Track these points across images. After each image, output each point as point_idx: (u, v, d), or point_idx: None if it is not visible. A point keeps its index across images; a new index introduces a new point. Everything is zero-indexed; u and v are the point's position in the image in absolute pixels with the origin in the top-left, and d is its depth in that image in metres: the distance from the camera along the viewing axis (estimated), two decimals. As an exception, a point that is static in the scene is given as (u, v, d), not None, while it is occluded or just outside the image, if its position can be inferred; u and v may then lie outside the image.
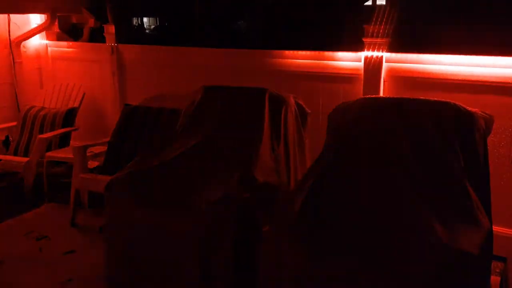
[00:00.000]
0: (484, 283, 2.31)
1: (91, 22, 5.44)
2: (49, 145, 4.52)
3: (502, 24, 3.38)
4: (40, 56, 5.49)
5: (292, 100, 3.42)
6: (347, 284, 2.20)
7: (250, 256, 2.50)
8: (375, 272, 2.16)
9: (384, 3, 3.72)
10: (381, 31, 3.50)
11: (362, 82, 3.67)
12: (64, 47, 5.40)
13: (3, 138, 4.97)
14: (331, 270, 2.24)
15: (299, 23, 4.57)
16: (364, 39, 3.59)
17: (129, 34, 5.19)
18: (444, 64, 3.41)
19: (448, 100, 2.87)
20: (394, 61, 3.58)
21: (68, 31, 5.64)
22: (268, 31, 4.78)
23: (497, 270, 3.12)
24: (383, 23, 3.49)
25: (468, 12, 3.59)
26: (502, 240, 3.08)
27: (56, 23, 5.34)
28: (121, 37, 4.92)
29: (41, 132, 4.62)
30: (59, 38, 5.47)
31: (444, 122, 2.73)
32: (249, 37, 5.03)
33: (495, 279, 2.86)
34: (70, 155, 4.09)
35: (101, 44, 5.04)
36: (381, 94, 3.62)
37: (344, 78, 3.80)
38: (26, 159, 4.32)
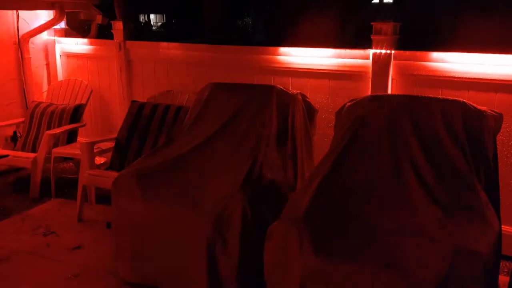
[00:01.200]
0: (493, 283, 2.29)
1: (98, 18, 5.46)
2: (57, 141, 4.53)
3: (512, 22, 3.36)
4: (48, 52, 5.51)
5: (299, 97, 3.41)
6: (355, 282, 2.19)
7: (256, 254, 2.49)
8: (383, 270, 2.16)
9: (391, 0, 3.70)
10: (389, 28, 3.48)
11: (370, 79, 3.65)
12: (72, 43, 5.42)
13: (11, 134, 5.00)
14: (338, 268, 2.23)
15: (307, 20, 4.56)
16: (372, 36, 3.57)
17: (137, 31, 5.19)
18: (453, 62, 3.39)
19: (457, 98, 2.85)
20: (402, 58, 3.56)
21: (76, 27, 5.66)
22: (276, 28, 4.78)
23: (506, 270, 3.10)
24: (391, 20, 3.47)
25: (477, 10, 3.56)
26: (511, 240, 3.06)
27: (64, 19, 5.35)
28: (128, 34, 4.92)
29: (49, 128, 4.63)
30: (67, 35, 5.48)
31: (453, 121, 2.72)
32: (256, 34, 5.03)
33: (503, 278, 2.84)
34: (77, 151, 4.11)
35: (108, 40, 5.05)
36: (389, 91, 3.60)
37: (352, 75, 3.78)
38: (33, 155, 4.34)
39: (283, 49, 4.08)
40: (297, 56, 4.00)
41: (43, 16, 5.40)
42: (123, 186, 2.98)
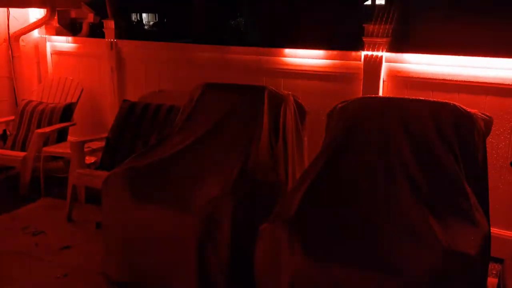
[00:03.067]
0: (481, 285, 2.31)
1: (90, 17, 5.44)
2: (47, 140, 4.50)
3: (502, 26, 3.39)
4: (38, 50, 5.47)
5: (291, 99, 3.42)
6: (344, 284, 2.19)
7: (247, 254, 2.49)
8: (373, 272, 2.16)
9: (383, 2, 3.71)
10: (381, 30, 3.50)
11: (362, 81, 3.66)
12: (63, 42, 5.38)
13: (0, 132, 4.96)
14: (329, 269, 2.23)
15: (299, 22, 4.57)
16: (364, 38, 3.59)
17: (129, 30, 5.17)
18: (444, 65, 3.41)
19: (447, 101, 2.87)
20: (393, 61, 3.58)
21: (67, 26, 5.63)
22: (268, 29, 4.78)
23: (494, 272, 3.12)
24: (383, 22, 3.48)
25: (468, 14, 3.59)
26: (500, 242, 3.08)
27: (56, 17, 5.32)
28: (120, 33, 4.90)
29: (39, 126, 4.60)
30: (58, 33, 5.45)
31: (443, 123, 2.73)
32: (248, 35, 5.04)
33: (492, 280, 2.86)
34: (68, 150, 4.08)
35: (100, 39, 5.03)
36: (381, 93, 3.62)
37: (344, 77, 3.79)
38: (23, 153, 4.31)
39: (275, 50, 4.08)
40: (289, 57, 4.01)
41: (34, 14, 5.36)
42: (113, 186, 2.96)
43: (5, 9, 5.12)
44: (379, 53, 3.55)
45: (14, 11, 5.20)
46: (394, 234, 2.31)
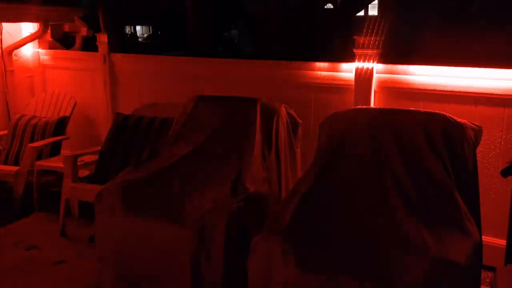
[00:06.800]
0: (473, 293, 2.32)
1: (83, 31, 5.46)
2: (40, 154, 4.50)
3: (490, 37, 3.44)
4: (32, 64, 5.48)
5: (283, 110, 3.44)
6: (337, 294, 2.20)
7: (240, 266, 2.49)
8: (365, 283, 2.17)
9: (375, 14, 3.75)
10: (372, 42, 3.54)
11: (353, 92, 3.70)
12: (56, 55, 5.40)
13: (-7, 146, 4.94)
14: (321, 281, 2.23)
15: (291, 34, 4.61)
16: (355, 50, 3.62)
17: (122, 43, 5.20)
18: (434, 76, 3.45)
19: (437, 111, 2.90)
20: (384, 72, 3.62)
21: (60, 39, 5.64)
22: (261, 42, 4.83)
23: (487, 280, 3.13)
24: (374, 34, 3.52)
25: (457, 25, 3.64)
26: (491, 250, 3.09)
27: (49, 31, 5.34)
28: (113, 46, 4.92)
29: (32, 140, 4.59)
30: (51, 47, 5.47)
31: (433, 133, 2.76)
32: (241, 48, 5.08)
33: (485, 289, 2.87)
34: (61, 164, 4.07)
35: (93, 53, 5.05)
36: (372, 104, 3.65)
37: (335, 88, 3.82)
38: (16, 168, 4.30)
39: (268, 62, 4.12)
40: (282, 69, 4.04)
41: (28, 28, 5.37)
42: (106, 200, 2.96)
43: (-2, 24, 5.14)
44: (370, 65, 3.58)
45: (7, 25, 5.21)
46: (386, 244, 2.32)
